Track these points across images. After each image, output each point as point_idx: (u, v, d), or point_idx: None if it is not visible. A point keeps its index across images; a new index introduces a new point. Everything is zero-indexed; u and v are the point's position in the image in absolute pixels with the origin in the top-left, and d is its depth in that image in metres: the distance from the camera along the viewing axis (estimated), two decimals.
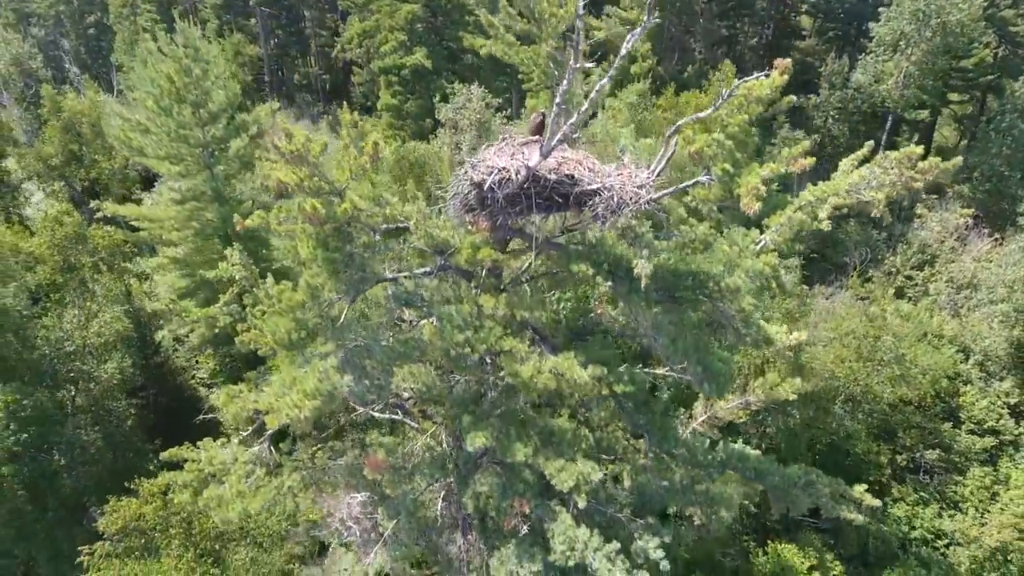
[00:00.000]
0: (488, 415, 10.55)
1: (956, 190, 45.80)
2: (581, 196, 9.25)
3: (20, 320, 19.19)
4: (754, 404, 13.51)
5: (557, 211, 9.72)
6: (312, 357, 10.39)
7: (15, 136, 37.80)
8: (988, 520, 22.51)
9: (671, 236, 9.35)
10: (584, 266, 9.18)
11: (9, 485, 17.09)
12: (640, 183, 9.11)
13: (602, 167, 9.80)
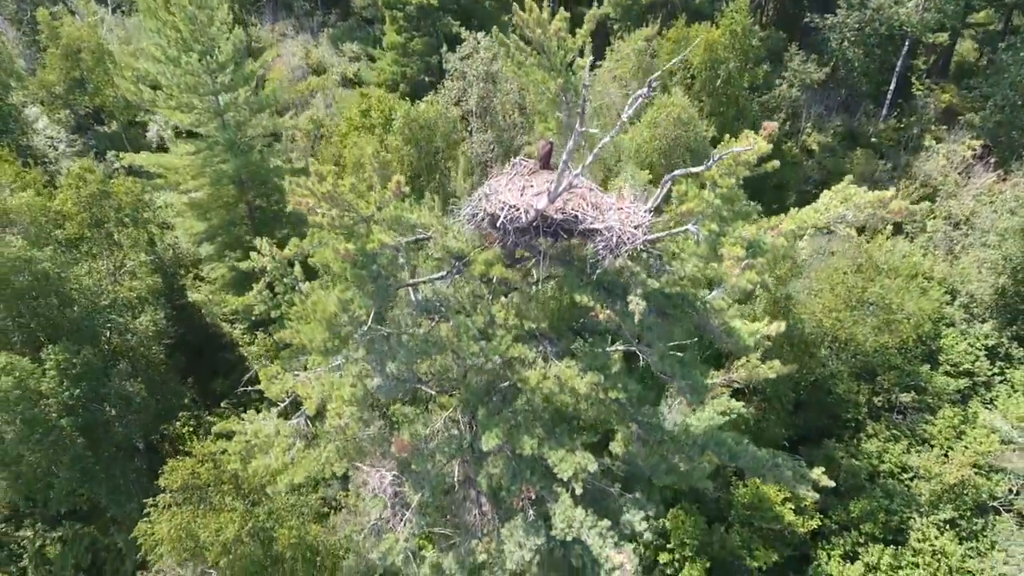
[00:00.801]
0: (500, 408, 12.18)
1: (967, 119, 45.40)
2: (584, 232, 10.34)
3: (59, 281, 20.61)
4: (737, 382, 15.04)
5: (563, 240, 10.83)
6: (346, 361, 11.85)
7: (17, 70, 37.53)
8: (951, 458, 24.79)
9: (664, 271, 10.51)
10: (586, 297, 10.42)
11: (69, 435, 19.21)
12: (637, 223, 10.17)
13: (605, 199, 10.82)
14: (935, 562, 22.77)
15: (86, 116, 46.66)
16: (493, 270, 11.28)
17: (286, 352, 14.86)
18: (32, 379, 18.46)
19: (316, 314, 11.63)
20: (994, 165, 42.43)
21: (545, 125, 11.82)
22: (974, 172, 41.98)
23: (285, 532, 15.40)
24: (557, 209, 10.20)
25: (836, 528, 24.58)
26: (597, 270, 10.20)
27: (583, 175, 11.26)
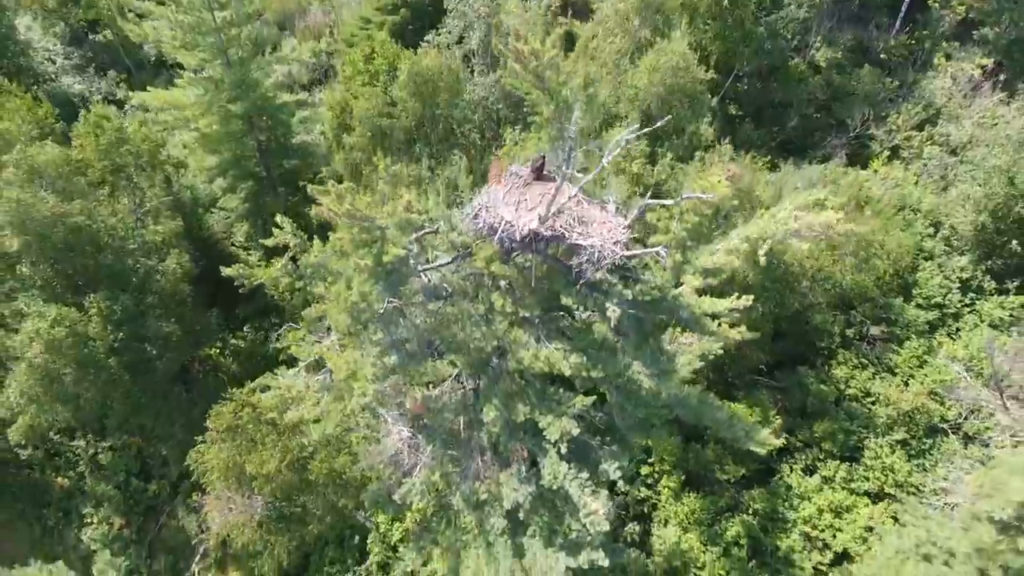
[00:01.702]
0: (498, 378, 14.40)
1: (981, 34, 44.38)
2: (570, 248, 12.02)
3: (92, 232, 22.33)
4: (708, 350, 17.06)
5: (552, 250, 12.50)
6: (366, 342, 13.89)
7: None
8: (910, 386, 27.44)
9: (639, 280, 12.23)
10: (570, 299, 12.27)
11: (117, 373, 21.74)
12: (616, 239, 11.83)
13: (591, 212, 12.39)
14: (883, 476, 25.97)
15: (81, 28, 46.04)
16: (492, 266, 13.05)
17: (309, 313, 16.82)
18: (80, 326, 20.68)
19: (339, 303, 13.54)
20: (1003, 84, 42.19)
21: (538, 136, 13.07)
22: (981, 92, 41.88)
23: (317, 464, 18.20)
24: (547, 227, 11.80)
25: (800, 446, 27.69)
26: (581, 280, 11.97)
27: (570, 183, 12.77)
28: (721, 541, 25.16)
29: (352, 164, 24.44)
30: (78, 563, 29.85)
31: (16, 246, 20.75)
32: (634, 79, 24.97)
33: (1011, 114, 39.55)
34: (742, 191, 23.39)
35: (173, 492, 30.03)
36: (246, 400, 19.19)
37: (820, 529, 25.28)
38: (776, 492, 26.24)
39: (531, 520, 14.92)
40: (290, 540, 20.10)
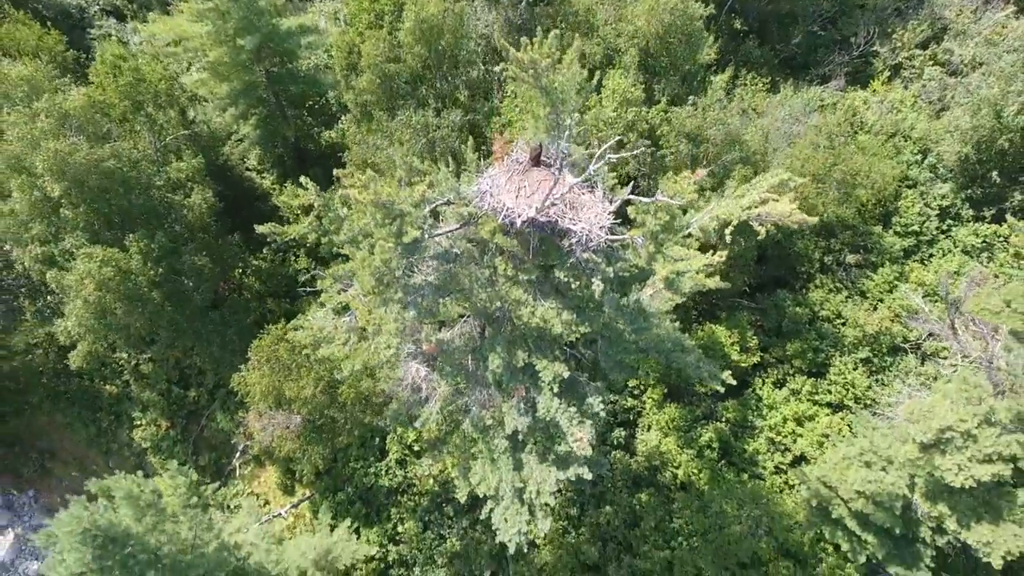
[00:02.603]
0: (501, 326, 17.02)
1: None
2: (563, 231, 14.18)
3: (124, 175, 24.21)
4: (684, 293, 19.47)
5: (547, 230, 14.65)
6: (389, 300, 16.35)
7: None
8: (878, 310, 30.15)
9: (620, 258, 14.43)
10: (562, 274, 14.60)
11: (160, 304, 24.42)
12: (602, 224, 13.98)
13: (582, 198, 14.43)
14: (844, 391, 29.33)
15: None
16: (495, 237, 15.25)
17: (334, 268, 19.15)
18: (123, 264, 23.12)
19: (365, 268, 15.86)
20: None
21: (535, 126, 14.72)
22: (992, 5, 41.47)
23: (345, 388, 21.25)
24: (542, 213, 13.89)
25: (773, 362, 30.91)
26: (571, 259, 14.21)
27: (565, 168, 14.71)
28: (696, 445, 28.93)
29: (361, 104, 25.68)
30: (132, 459, 34.19)
31: (58, 192, 22.71)
32: (633, 17, 25.60)
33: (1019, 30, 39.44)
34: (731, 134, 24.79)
35: (211, 398, 33.77)
36: (282, 335, 21.99)
37: (783, 435, 28.97)
38: (747, 403, 29.71)
39: (528, 441, 18.07)
40: (323, 448, 23.72)
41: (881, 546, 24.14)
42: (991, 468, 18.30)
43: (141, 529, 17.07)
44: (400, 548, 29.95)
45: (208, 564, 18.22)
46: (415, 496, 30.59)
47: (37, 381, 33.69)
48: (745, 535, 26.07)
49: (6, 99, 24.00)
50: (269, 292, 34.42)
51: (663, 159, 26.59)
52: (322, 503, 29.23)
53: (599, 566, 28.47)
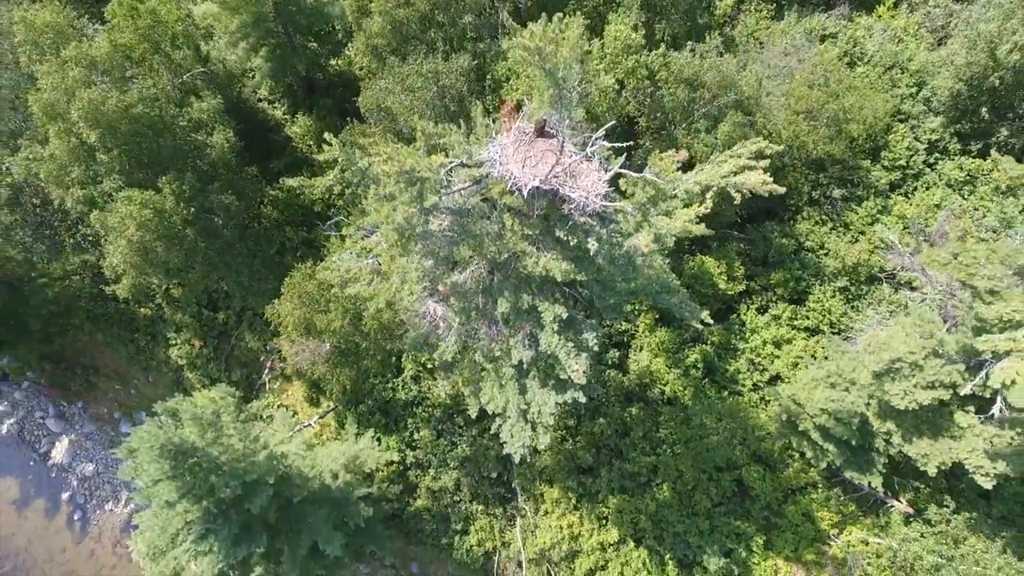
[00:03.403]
0: (508, 272, 19.45)
1: None
2: (563, 197, 16.28)
3: (151, 119, 25.82)
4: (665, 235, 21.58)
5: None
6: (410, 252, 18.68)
7: None
8: (859, 242, 32.30)
9: (613, 221, 16.54)
10: (563, 233, 16.83)
11: (194, 240, 26.71)
12: (597, 192, 16.08)
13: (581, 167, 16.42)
14: (821, 316, 32.05)
15: None
16: (504, 197, 17.38)
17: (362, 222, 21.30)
18: (159, 204, 25.22)
19: (388, 224, 18.05)
20: None
21: (540, 100, 16.36)
22: None
23: (369, 320, 23.94)
24: (544, 182, 15.93)
25: (758, 289, 33.45)
26: (570, 221, 16.38)
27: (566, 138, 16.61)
28: (683, 365, 32.06)
29: (373, 47, 26.72)
30: (170, 375, 37.69)
31: (93, 138, 24.43)
32: None
33: None
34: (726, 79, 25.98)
35: (239, 320, 36.77)
36: (311, 274, 24.43)
37: (762, 357, 32.01)
38: (731, 327, 32.56)
39: (531, 369, 20.90)
40: (350, 370, 26.76)
41: (840, 454, 27.68)
42: (933, 393, 21.20)
43: (203, 443, 20.29)
44: (416, 453, 33.86)
45: (260, 470, 21.63)
46: (429, 408, 34.16)
47: (77, 304, 36.56)
48: (722, 444, 29.66)
49: (35, 47, 25.20)
50: (287, 220, 36.56)
51: (662, 99, 27.93)
52: (347, 415, 32.82)
53: (593, 469, 32.39)
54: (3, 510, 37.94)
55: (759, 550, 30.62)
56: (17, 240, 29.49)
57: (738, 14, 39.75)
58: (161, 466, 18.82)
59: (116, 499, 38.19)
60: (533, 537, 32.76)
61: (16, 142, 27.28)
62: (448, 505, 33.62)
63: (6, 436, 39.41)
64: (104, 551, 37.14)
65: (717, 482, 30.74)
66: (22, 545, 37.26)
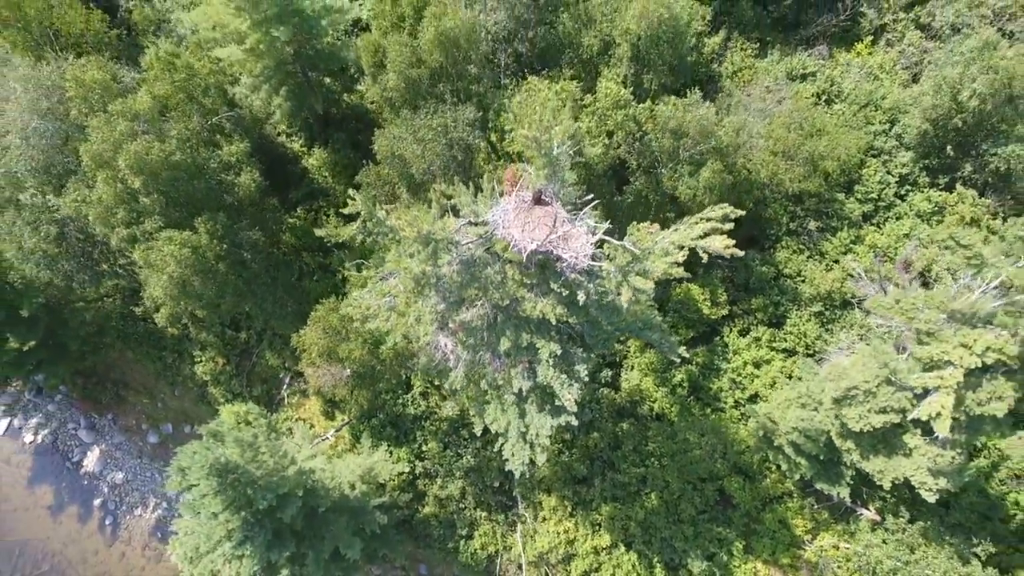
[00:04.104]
0: (509, 317, 22.48)
1: None
2: (556, 256, 19.29)
3: (186, 165, 28.83)
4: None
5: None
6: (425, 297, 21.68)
7: None
8: (833, 270, 35.26)
9: (598, 276, 19.54)
10: (556, 286, 19.85)
11: (225, 274, 29.72)
12: (586, 252, 19.09)
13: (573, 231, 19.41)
14: (797, 339, 35.04)
15: None
16: (506, 253, 20.39)
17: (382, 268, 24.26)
18: (195, 243, 28.24)
19: (405, 271, 21.06)
20: None
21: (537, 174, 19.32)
22: None
23: (386, 349, 26.96)
24: (541, 246, 18.93)
25: (740, 313, 36.45)
26: (562, 277, 19.38)
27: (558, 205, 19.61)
28: (670, 383, 35.07)
29: (388, 99, 29.65)
30: (195, 389, 40.74)
31: (137, 184, 27.43)
32: (625, 18, 29.09)
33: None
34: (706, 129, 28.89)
35: (259, 339, 39.83)
36: (334, 308, 27.48)
37: (743, 376, 35.02)
38: (715, 349, 35.58)
39: (530, 396, 23.91)
40: (367, 391, 29.78)
41: (811, 468, 30.67)
42: (884, 417, 24.17)
43: (243, 461, 23.32)
44: (425, 463, 36.91)
45: (290, 484, 24.67)
46: (436, 422, 37.19)
47: (109, 324, 39.63)
48: (704, 457, 32.68)
49: (84, 101, 28.20)
50: (303, 246, 39.63)
51: (650, 143, 30.90)
52: (362, 429, 35.89)
53: (587, 479, 35.43)
54: (40, 515, 41.06)
55: (739, 554, 33.63)
56: (60, 269, 32.51)
57: (725, 51, 42.79)
58: (210, 483, 21.86)
59: (144, 505, 41.27)
60: (532, 541, 35.80)
61: (63, 184, 30.30)
62: (454, 512, 36.67)
63: (41, 446, 42.53)
64: (134, 553, 40.22)
65: (701, 492, 33.77)
66: (58, 548, 40.36)
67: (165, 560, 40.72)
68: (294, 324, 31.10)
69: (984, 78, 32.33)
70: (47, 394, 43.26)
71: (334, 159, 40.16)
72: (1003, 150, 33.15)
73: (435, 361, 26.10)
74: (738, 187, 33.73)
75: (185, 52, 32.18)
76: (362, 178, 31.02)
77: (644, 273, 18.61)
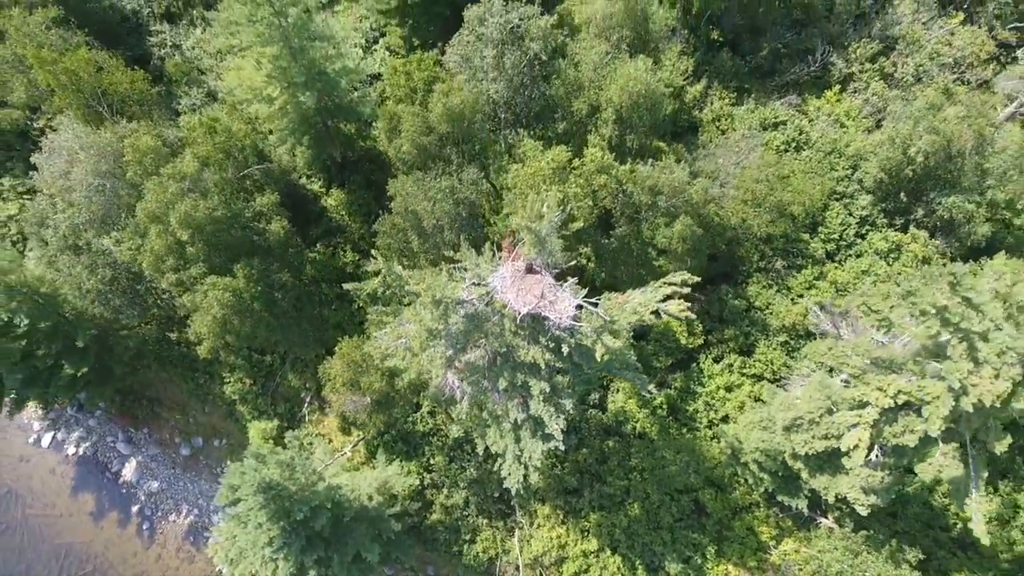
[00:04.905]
0: (506, 360, 27.11)
1: None
2: (543, 317, 23.89)
3: (226, 218, 33.45)
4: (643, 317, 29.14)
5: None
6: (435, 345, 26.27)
7: None
8: (796, 304, 39.79)
9: (578, 333, 24.11)
10: (543, 339, 24.44)
11: (260, 313, 34.33)
12: (569, 314, 23.70)
13: (559, 294, 24.02)
14: (765, 366, 39.58)
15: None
16: (503, 310, 24.99)
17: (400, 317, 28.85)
18: (235, 287, 32.85)
19: (420, 324, 25.66)
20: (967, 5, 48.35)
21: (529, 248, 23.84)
22: (946, 12, 48.22)
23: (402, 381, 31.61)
24: (532, 309, 23.51)
25: (714, 342, 41.01)
26: (548, 332, 23.95)
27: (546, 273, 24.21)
28: (651, 405, 39.66)
29: (403, 160, 34.16)
30: (224, 407, 45.38)
31: (185, 237, 32.04)
32: (609, 89, 33.63)
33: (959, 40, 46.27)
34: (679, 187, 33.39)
35: (282, 362, 44.47)
36: (358, 346, 32.12)
37: (716, 400, 39.59)
38: (691, 375, 40.16)
39: (524, 425, 28.50)
40: (383, 416, 34.42)
41: (773, 482, 35.26)
42: (826, 443, 28.71)
43: (282, 480, 27.95)
44: (432, 475, 41.54)
45: (320, 498, 29.31)
46: (443, 438, 41.82)
47: (146, 348, 44.29)
48: (680, 472, 37.28)
49: (139, 164, 32.83)
50: (323, 278, 44.25)
51: (631, 196, 35.40)
52: (377, 446, 40.57)
53: (577, 490, 40.03)
54: (83, 520, 45.78)
55: (712, 558, 38.25)
56: (112, 305, 37.15)
57: (706, 98, 47.34)
58: (257, 498, 26.51)
59: (177, 511, 45.96)
60: (528, 546, 40.43)
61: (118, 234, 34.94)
62: (458, 519, 41.32)
63: (83, 457, 47.25)
64: (169, 555, 44.92)
65: (677, 502, 38.39)
66: (100, 550, 45.08)
67: (196, 561, 45.44)
68: (314, 349, 35.74)
69: (928, 137, 36.79)
70: (87, 410, 47.96)
71: (350, 199, 44.79)
72: (946, 200, 37.62)
73: (444, 394, 30.71)
74: (711, 231, 38.26)
75: (222, 113, 36.78)
76: (379, 226, 35.57)
77: (615, 333, 23.20)
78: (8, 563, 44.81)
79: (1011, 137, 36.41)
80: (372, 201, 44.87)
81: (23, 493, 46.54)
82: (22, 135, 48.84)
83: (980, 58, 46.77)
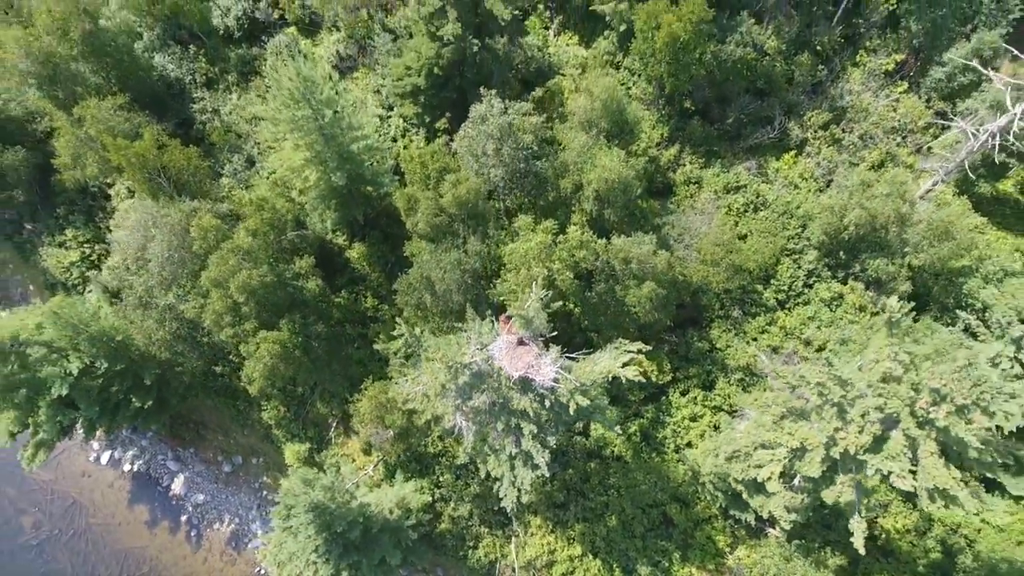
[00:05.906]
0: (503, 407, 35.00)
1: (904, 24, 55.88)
2: (530, 379, 31.72)
3: (274, 286, 41.25)
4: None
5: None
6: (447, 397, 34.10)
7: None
8: (750, 346, 47.50)
9: (558, 391, 31.84)
10: (532, 394, 32.26)
11: (301, 359, 42.14)
12: (552, 376, 31.55)
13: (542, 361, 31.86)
14: (723, 399, 47.33)
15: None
16: (500, 371, 32.81)
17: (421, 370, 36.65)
18: (282, 339, 40.66)
19: (435, 379, 33.43)
20: (916, 71, 55.71)
21: (520, 325, 31.51)
22: (893, 81, 55.69)
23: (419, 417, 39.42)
24: (521, 373, 31.28)
25: (681, 378, 48.75)
26: (535, 390, 31.72)
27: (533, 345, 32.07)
28: (626, 433, 47.46)
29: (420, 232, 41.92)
30: (261, 430, 53.25)
31: (241, 299, 39.84)
32: (590, 174, 41.37)
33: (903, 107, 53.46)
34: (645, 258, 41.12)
35: (312, 392, 52.31)
36: (384, 390, 39.96)
37: (682, 428, 47.36)
38: (661, 406, 47.94)
39: (517, 456, 36.30)
40: (403, 445, 42.21)
41: (725, 499, 43.04)
42: (759, 471, 36.44)
43: (325, 501, 35.78)
44: (441, 490, 49.39)
45: (354, 513, 37.14)
46: (450, 458, 49.65)
47: (195, 380, 52.17)
48: (649, 490, 45.11)
49: (204, 240, 40.62)
50: (347, 320, 52.07)
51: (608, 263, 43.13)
52: (396, 466, 48.48)
53: (564, 504, 47.85)
54: (140, 528, 53.72)
55: (677, 562, 46.07)
56: (174, 350, 45.07)
57: (679, 163, 54.99)
58: (308, 516, 34.34)
59: (221, 521, 53.86)
60: (523, 551, 48.26)
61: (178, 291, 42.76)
62: (463, 528, 49.16)
63: (137, 473, 55.18)
64: (214, 558, 52.85)
65: (648, 515, 46.20)
66: (154, 554, 53.02)
67: (237, 563, 53.35)
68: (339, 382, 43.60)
69: (858, 211, 44.42)
70: (141, 432, 55.89)
71: (370, 251, 52.60)
72: (872, 263, 45.29)
73: (453, 432, 38.56)
74: (677, 286, 45.98)
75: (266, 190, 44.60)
76: (398, 285, 43.36)
77: (584, 393, 31.01)
78: (76, 565, 52.80)
79: (926, 213, 44.08)
80: (389, 252, 52.61)
81: (86, 504, 54.51)
82: (82, 191, 56.78)
83: (919, 125, 54.40)
